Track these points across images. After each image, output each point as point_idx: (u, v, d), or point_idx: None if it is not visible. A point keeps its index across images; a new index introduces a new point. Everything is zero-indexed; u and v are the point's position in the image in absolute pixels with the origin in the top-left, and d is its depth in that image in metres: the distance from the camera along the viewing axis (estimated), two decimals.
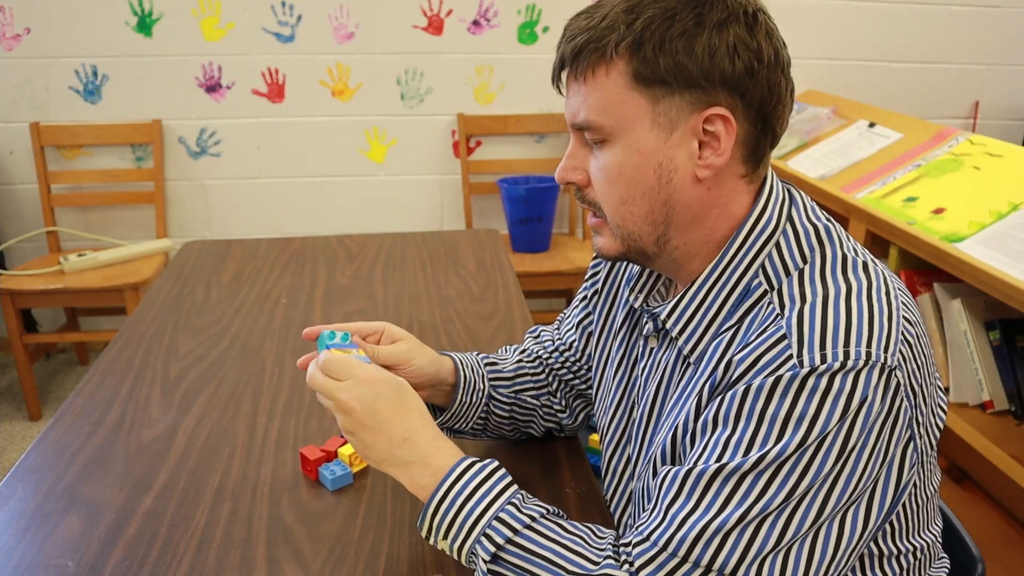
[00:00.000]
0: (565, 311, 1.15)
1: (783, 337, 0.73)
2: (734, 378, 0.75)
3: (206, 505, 1.01)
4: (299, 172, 3.01)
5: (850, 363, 0.70)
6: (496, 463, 0.83)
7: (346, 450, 1.07)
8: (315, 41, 2.87)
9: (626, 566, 0.74)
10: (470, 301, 1.64)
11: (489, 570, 0.78)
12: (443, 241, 2.02)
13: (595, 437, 1.49)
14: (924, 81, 3.13)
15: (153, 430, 1.18)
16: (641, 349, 0.94)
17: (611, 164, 0.80)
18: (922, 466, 0.80)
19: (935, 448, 0.83)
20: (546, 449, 1.13)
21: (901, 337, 0.73)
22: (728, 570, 0.70)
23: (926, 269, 1.91)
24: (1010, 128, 3.22)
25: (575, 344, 1.10)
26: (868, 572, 0.83)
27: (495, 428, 1.10)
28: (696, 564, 0.71)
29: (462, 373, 1.04)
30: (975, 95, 3.18)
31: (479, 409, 1.06)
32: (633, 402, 0.95)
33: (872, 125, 2.54)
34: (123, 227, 3.00)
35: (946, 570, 0.94)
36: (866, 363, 0.70)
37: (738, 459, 0.71)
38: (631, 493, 0.96)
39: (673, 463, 0.82)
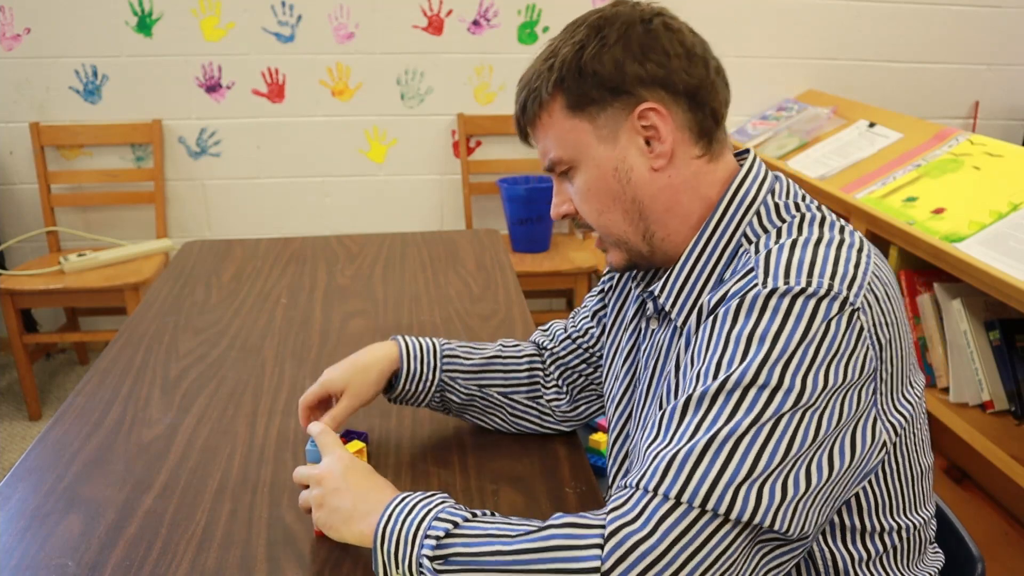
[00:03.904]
0: (582, 305, 1.17)
1: (751, 271, 0.78)
2: (707, 315, 0.80)
3: (206, 505, 1.01)
4: (299, 172, 3.01)
5: (811, 289, 0.73)
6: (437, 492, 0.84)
7: (351, 447, 1.07)
8: (315, 41, 2.87)
9: (602, 516, 0.72)
10: (470, 301, 1.65)
11: (436, 569, 0.75)
12: (443, 241, 2.02)
13: (595, 437, 1.49)
14: (924, 81, 3.13)
15: (153, 430, 1.18)
16: (643, 333, 0.98)
17: (581, 185, 0.89)
18: (897, 434, 0.79)
19: (915, 420, 0.82)
20: (546, 449, 1.13)
21: (867, 286, 0.75)
22: (697, 501, 0.69)
23: (926, 269, 1.91)
24: (1010, 128, 3.22)
25: (591, 331, 1.13)
26: (850, 546, 0.82)
27: (459, 412, 1.15)
28: (665, 497, 0.70)
29: (405, 363, 1.11)
30: (975, 95, 3.18)
31: (429, 394, 1.13)
32: (636, 384, 0.98)
33: (872, 125, 2.54)
34: (123, 227, 3.00)
35: (940, 563, 0.94)
36: (827, 293, 0.73)
37: (707, 383, 0.73)
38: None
39: None
